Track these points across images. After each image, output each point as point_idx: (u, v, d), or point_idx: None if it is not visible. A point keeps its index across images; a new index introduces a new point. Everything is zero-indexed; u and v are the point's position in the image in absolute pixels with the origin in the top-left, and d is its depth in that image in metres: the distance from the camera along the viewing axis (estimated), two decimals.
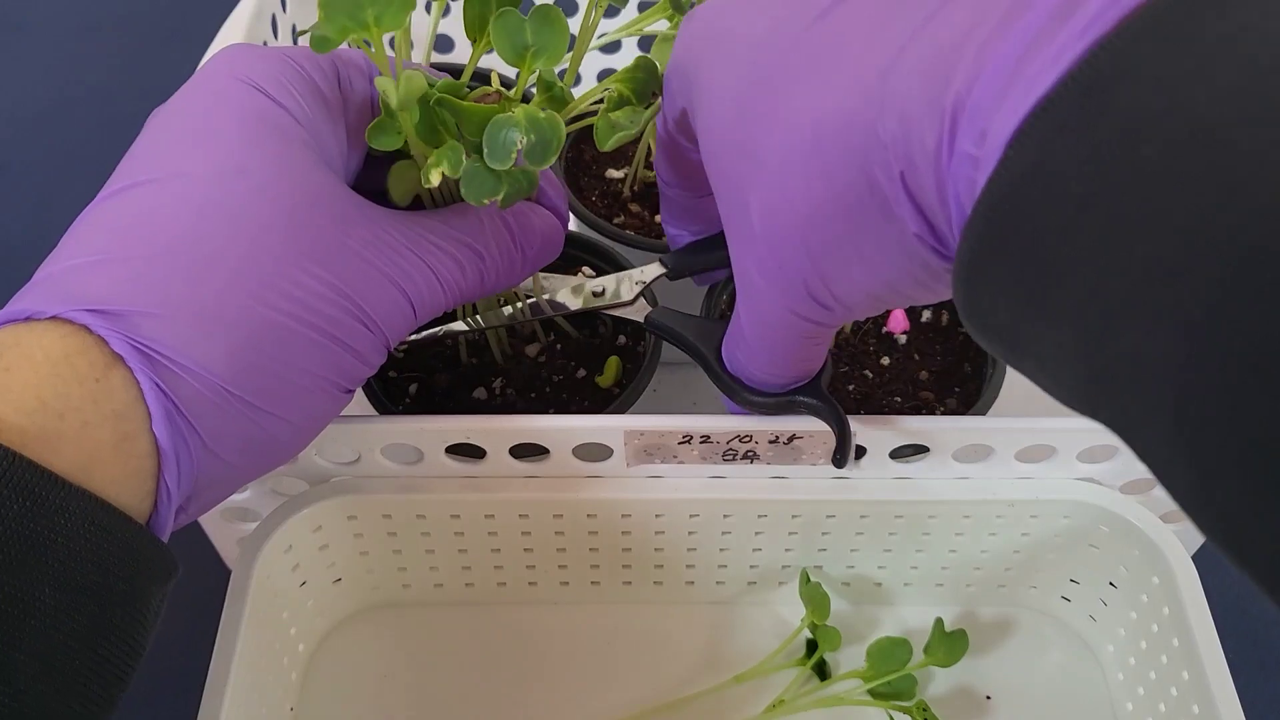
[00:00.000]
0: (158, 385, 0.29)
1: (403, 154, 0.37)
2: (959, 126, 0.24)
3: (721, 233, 0.37)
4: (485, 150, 0.34)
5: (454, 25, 0.68)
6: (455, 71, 0.49)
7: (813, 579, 0.47)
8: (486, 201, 0.34)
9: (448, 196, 0.38)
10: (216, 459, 0.31)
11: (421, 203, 0.38)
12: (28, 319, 0.29)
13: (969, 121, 0.23)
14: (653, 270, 0.44)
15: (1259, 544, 0.19)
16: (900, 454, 0.43)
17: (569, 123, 0.37)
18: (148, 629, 0.29)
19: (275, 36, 0.59)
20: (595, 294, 0.44)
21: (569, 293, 0.44)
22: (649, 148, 0.55)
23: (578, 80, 0.71)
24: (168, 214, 0.31)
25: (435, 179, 0.34)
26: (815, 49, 0.29)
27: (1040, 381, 0.25)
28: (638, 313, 0.43)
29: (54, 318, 0.29)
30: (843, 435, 0.39)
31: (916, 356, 0.48)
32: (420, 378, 0.48)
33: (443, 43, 0.70)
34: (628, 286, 0.44)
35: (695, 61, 0.34)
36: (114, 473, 0.28)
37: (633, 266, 0.49)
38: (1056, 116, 0.21)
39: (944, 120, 0.24)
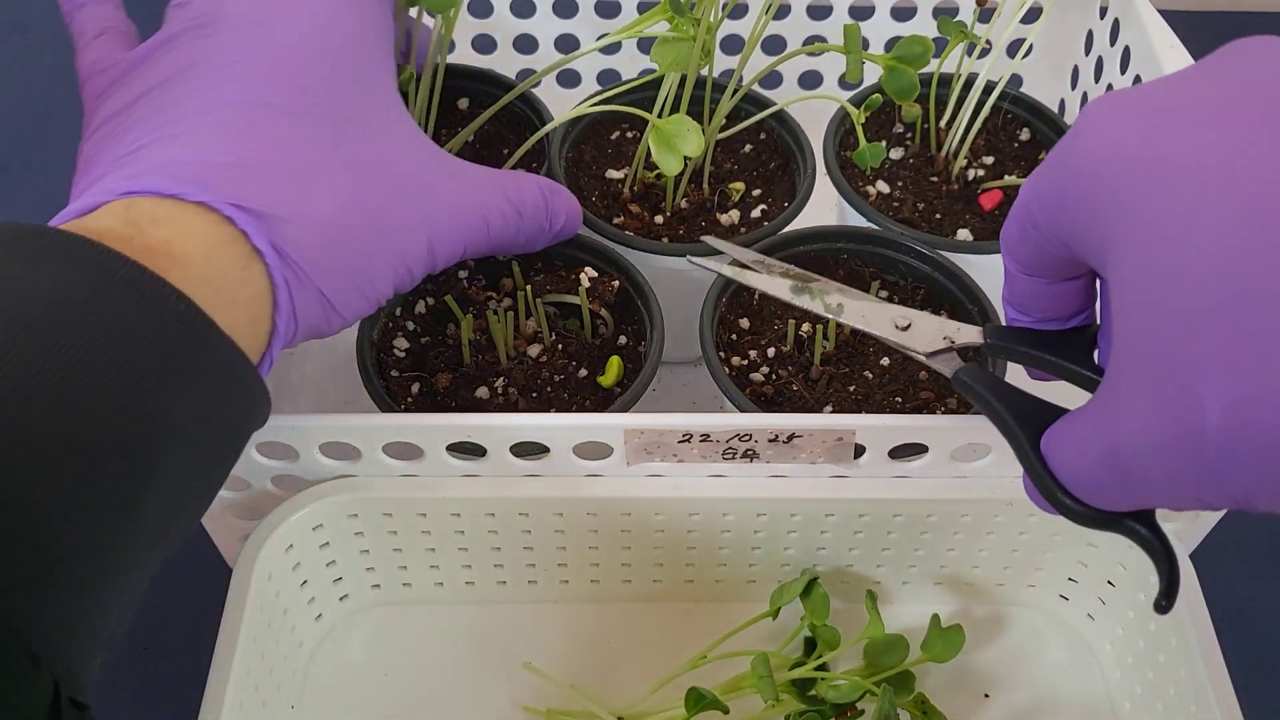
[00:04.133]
0: (286, 282, 0.35)
1: None
2: None
3: (1070, 335, 0.35)
4: None
5: None
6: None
7: (812, 578, 0.47)
8: None
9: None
10: (292, 339, 0.37)
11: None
12: (175, 197, 0.34)
13: None
14: (969, 334, 0.39)
15: None
16: (899, 453, 0.43)
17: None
18: (233, 464, 0.35)
19: None
20: (900, 327, 0.41)
21: (872, 313, 0.41)
22: (649, 149, 0.55)
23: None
24: (298, 141, 0.36)
25: None
26: None
27: None
28: (944, 365, 0.39)
29: (201, 204, 0.34)
30: (1172, 579, 0.33)
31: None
32: (423, 377, 0.48)
33: None
34: (934, 333, 0.40)
35: (1128, 185, 0.28)
36: (242, 343, 0.33)
37: (634, 267, 0.49)
38: None
39: None
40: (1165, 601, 0.34)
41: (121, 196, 0.34)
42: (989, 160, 0.58)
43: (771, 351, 0.49)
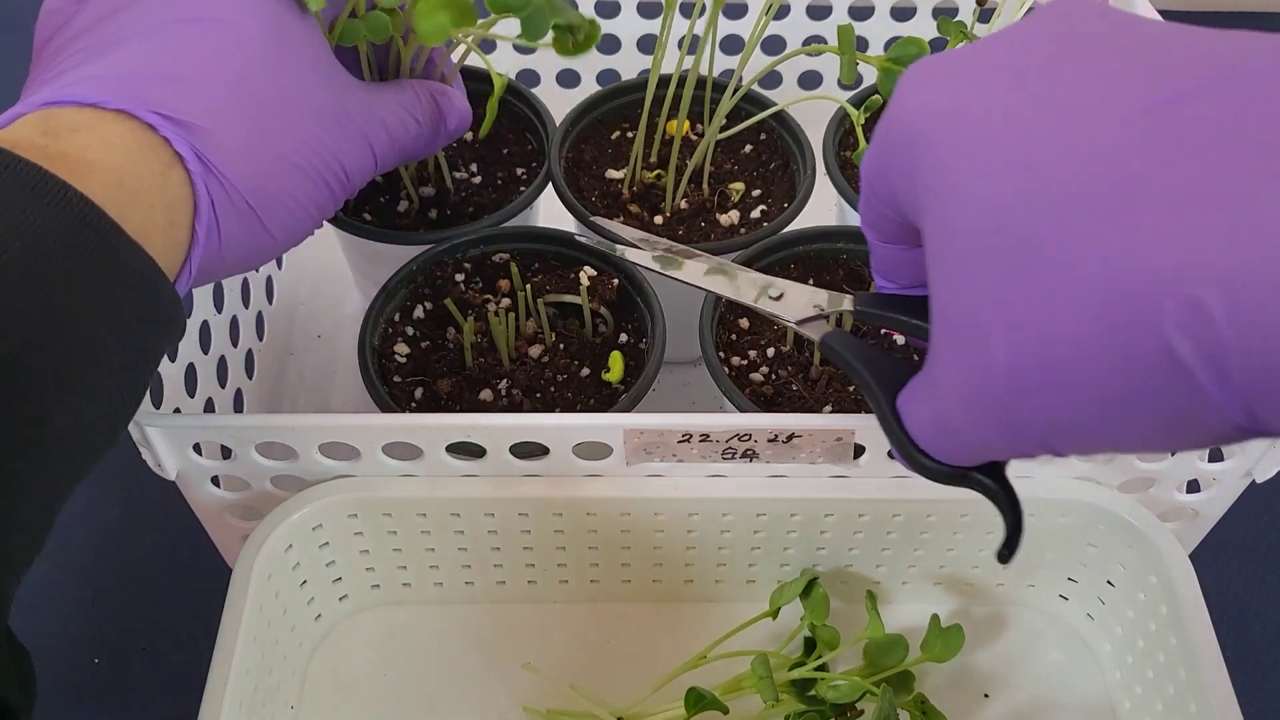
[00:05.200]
0: (207, 188, 0.35)
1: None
2: None
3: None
4: None
5: None
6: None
7: (812, 578, 0.47)
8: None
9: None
10: (222, 257, 0.37)
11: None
12: (95, 106, 0.34)
13: None
14: (839, 302, 0.40)
15: None
16: None
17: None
18: (150, 378, 0.36)
19: None
20: (772, 297, 0.42)
21: (745, 284, 0.43)
22: (644, 148, 0.55)
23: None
24: (223, 55, 0.37)
25: None
26: (1122, 176, 0.24)
27: None
28: (814, 332, 0.40)
29: (121, 111, 0.34)
30: (1015, 528, 0.34)
31: (915, 357, 0.48)
32: (425, 382, 0.48)
33: None
34: (804, 302, 0.41)
35: (929, 143, 0.28)
36: (159, 248, 0.34)
37: (632, 267, 0.49)
38: None
39: None
40: (1006, 552, 0.35)
41: (42, 108, 0.34)
42: None
43: (771, 351, 0.49)
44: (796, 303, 0.41)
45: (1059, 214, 0.24)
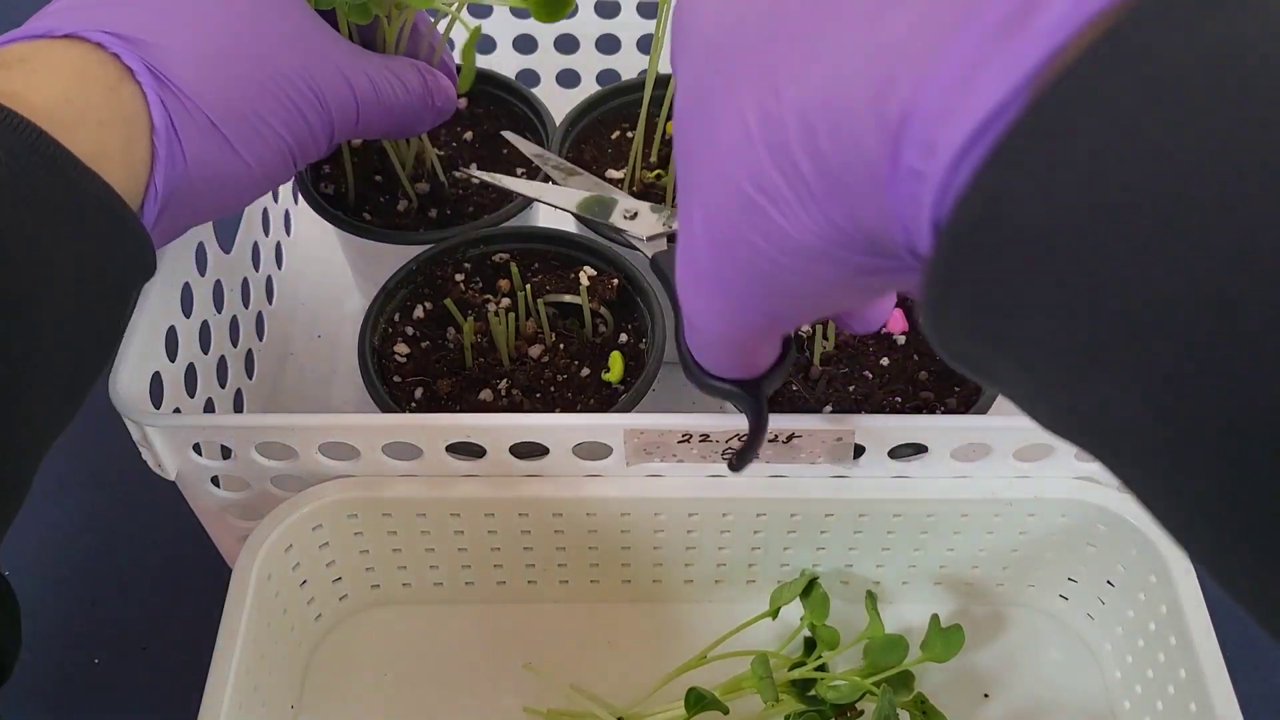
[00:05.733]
0: (162, 101, 0.35)
1: None
2: (905, 137, 0.22)
3: None
4: None
5: None
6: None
7: (812, 578, 0.47)
8: None
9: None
10: (190, 183, 0.37)
11: None
12: (44, 36, 0.34)
13: (917, 131, 0.21)
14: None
15: (1242, 583, 0.20)
16: (899, 453, 0.43)
17: None
18: (126, 318, 0.35)
19: None
20: (627, 216, 0.45)
21: (604, 203, 0.46)
22: (643, 146, 0.55)
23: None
24: None
25: None
26: (765, 45, 0.26)
27: (1019, 406, 0.24)
28: (652, 249, 0.44)
29: (70, 35, 0.34)
30: (752, 439, 0.38)
31: (916, 357, 0.48)
32: (426, 382, 0.48)
33: None
34: (654, 221, 0.44)
35: (672, 54, 0.31)
36: (118, 170, 0.33)
37: (633, 265, 0.49)
38: (1014, 152, 0.19)
39: (884, 126, 0.22)
40: (737, 462, 0.40)
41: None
42: None
43: None
44: (648, 221, 0.45)
45: (722, 68, 0.27)
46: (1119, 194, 0.18)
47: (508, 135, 0.52)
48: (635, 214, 0.44)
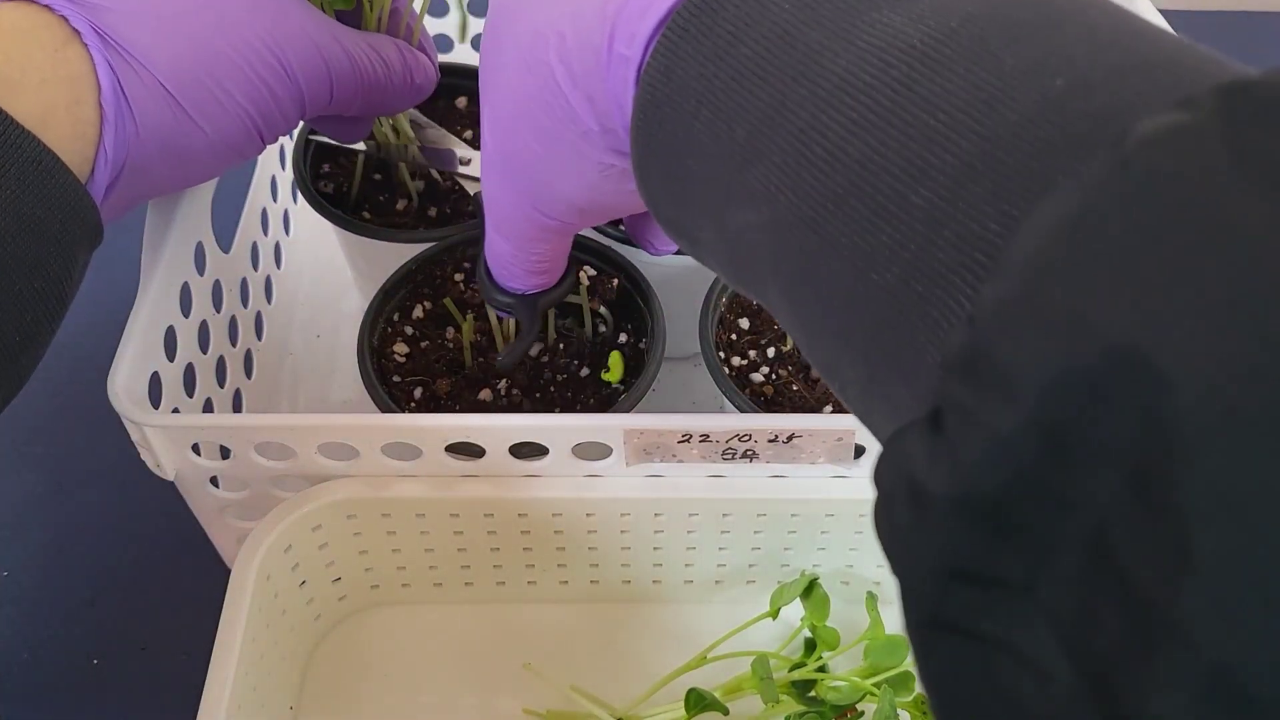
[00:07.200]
0: (109, 63, 0.35)
1: None
2: (617, 30, 0.27)
3: None
4: None
5: None
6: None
7: (812, 579, 0.47)
8: None
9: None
10: (144, 150, 0.36)
11: None
12: None
13: (624, 25, 0.27)
14: None
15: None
16: None
17: None
18: (73, 285, 0.35)
19: None
20: (463, 162, 0.51)
21: (441, 153, 0.51)
22: None
23: None
24: None
25: None
26: None
27: (710, 267, 0.29)
28: (474, 186, 0.48)
29: (19, 0, 0.34)
30: (521, 348, 0.43)
31: None
32: (425, 381, 0.48)
33: None
34: (479, 166, 0.47)
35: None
36: (64, 132, 0.33)
37: (632, 265, 0.49)
38: (679, 29, 0.25)
39: (606, 25, 0.28)
40: (504, 357, 0.44)
41: None
42: None
43: (771, 351, 0.49)
44: (478, 165, 0.49)
45: (509, 4, 0.32)
46: (751, 50, 0.24)
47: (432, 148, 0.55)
48: (470, 160, 0.51)
